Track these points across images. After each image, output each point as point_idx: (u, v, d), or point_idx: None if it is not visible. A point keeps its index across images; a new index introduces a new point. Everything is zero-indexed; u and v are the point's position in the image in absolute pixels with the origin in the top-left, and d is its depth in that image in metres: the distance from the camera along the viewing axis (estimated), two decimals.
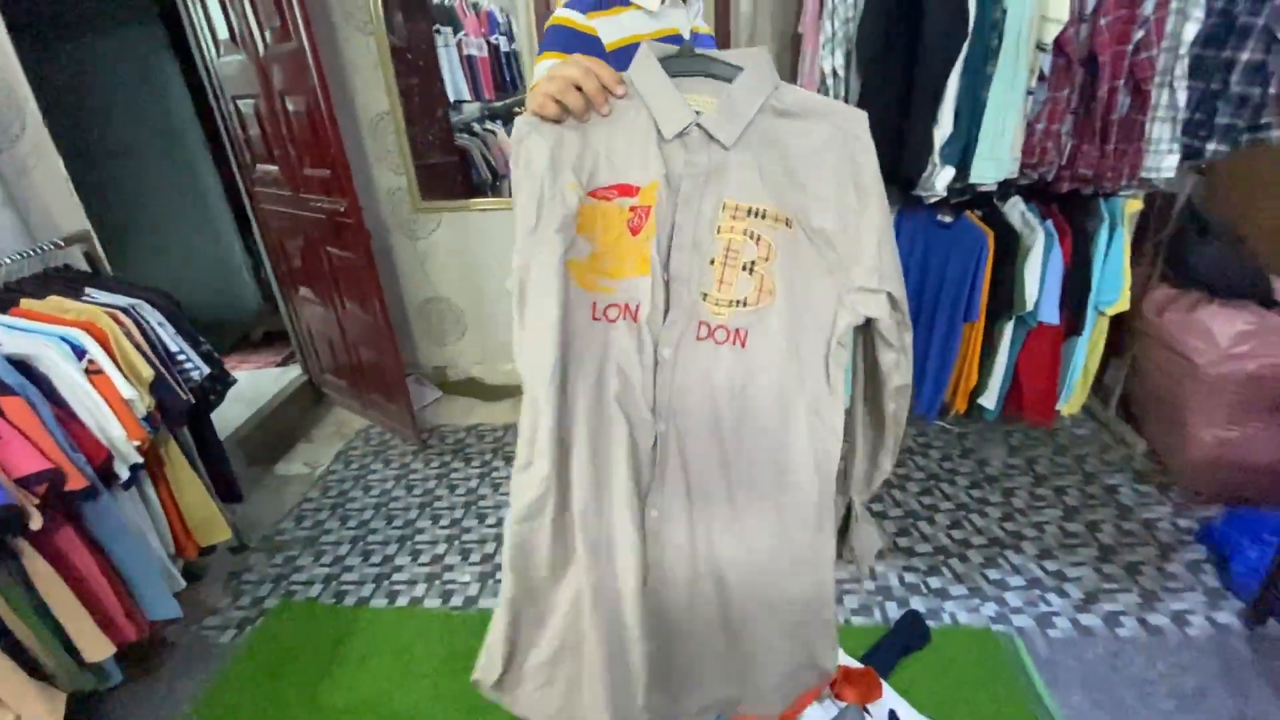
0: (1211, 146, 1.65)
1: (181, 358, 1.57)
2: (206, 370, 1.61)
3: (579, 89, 0.76)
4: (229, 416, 2.87)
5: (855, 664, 1.58)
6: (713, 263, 0.78)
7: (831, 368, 0.80)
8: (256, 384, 3.17)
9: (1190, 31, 1.54)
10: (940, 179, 1.72)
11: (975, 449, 2.37)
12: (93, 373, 1.35)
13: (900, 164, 1.73)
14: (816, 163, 0.78)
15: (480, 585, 1.94)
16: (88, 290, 1.50)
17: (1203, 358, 1.83)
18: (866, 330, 0.84)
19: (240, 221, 3.77)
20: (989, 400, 2.11)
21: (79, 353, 1.34)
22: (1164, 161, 1.67)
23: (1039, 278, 1.85)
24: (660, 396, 0.79)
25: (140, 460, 1.42)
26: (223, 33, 2.34)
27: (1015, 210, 1.93)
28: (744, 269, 0.78)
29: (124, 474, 1.39)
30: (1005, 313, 1.96)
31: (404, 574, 2.01)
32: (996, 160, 1.65)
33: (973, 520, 2.05)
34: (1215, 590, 1.75)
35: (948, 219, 2.00)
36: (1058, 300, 1.88)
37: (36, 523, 1.17)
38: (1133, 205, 1.91)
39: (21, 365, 1.26)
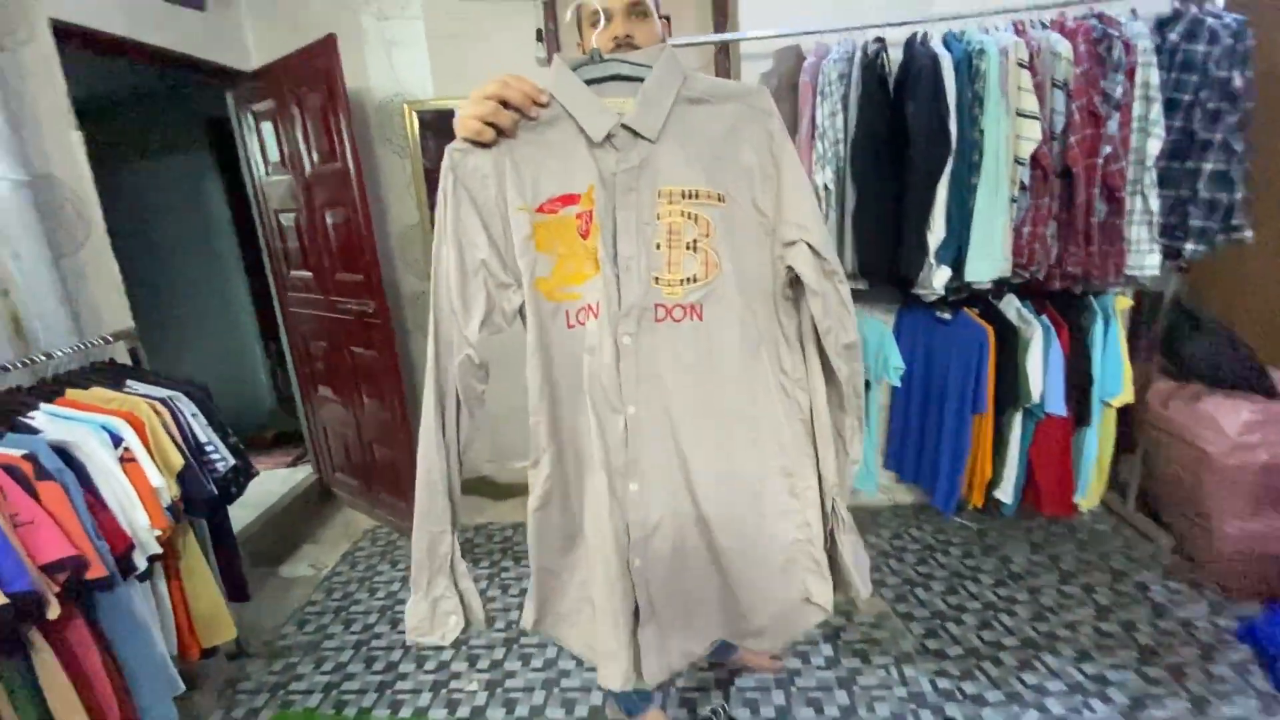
0: (1190, 246, 1.77)
1: (210, 449, 1.60)
2: (232, 462, 1.64)
3: (505, 105, 0.82)
4: (239, 517, 2.84)
5: None
6: (659, 246, 0.86)
7: (783, 319, 0.91)
8: (264, 486, 3.15)
9: (1154, 147, 1.71)
10: (938, 278, 1.83)
11: (997, 545, 2.31)
12: (126, 460, 1.38)
13: (898, 264, 1.85)
14: (734, 138, 0.86)
15: (488, 695, 1.84)
16: (128, 382, 1.56)
17: (1214, 446, 1.84)
18: (802, 295, 0.90)
19: (262, 326, 3.94)
20: (1005, 493, 2.10)
21: (116, 440, 1.38)
22: (1146, 260, 1.78)
23: (1042, 370, 1.91)
24: (626, 381, 0.87)
25: (159, 550, 1.41)
26: (274, 156, 2.59)
27: (1011, 307, 2.03)
28: (688, 248, 0.86)
29: (141, 564, 1.38)
30: (1012, 405, 2.01)
31: (408, 682, 1.91)
32: (990, 260, 1.77)
33: (1002, 620, 1.96)
34: (1269, 695, 1.65)
35: (947, 316, 2.10)
36: (1062, 392, 1.93)
37: (54, 612, 1.16)
38: (1123, 302, 2.01)
39: (62, 451, 1.29)
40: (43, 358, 1.48)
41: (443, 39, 2.55)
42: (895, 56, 1.85)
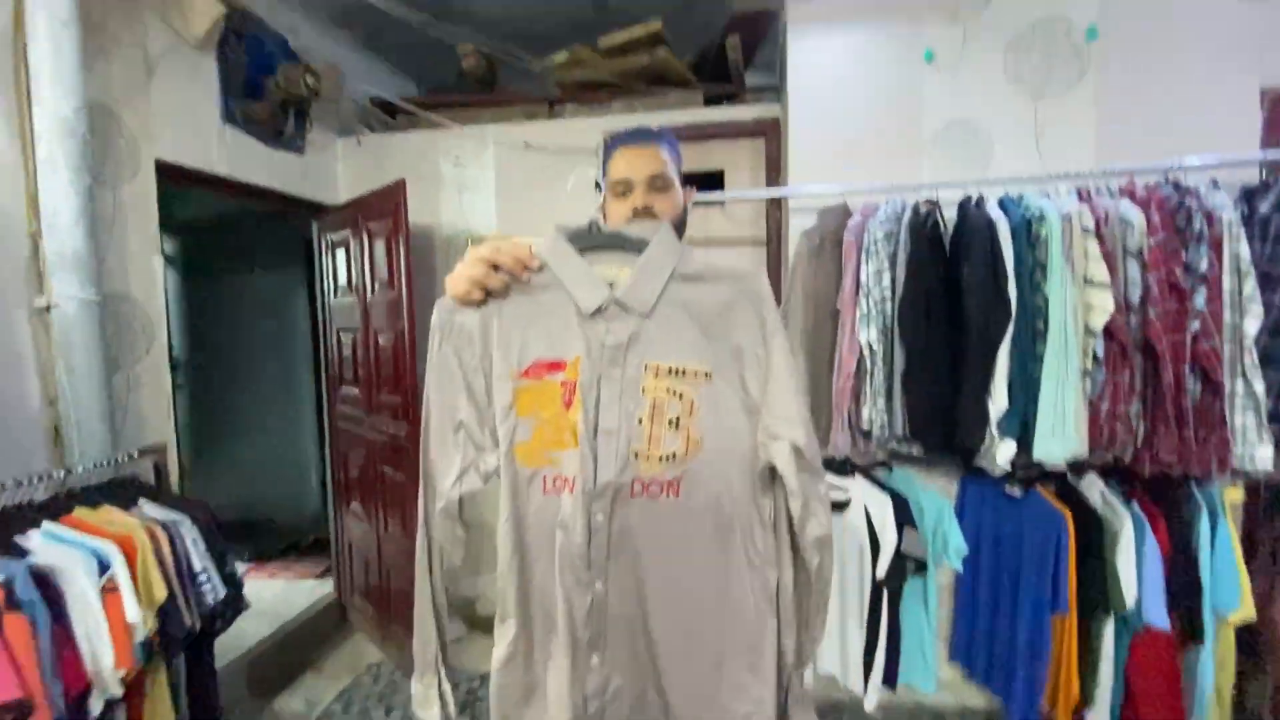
0: None
1: (203, 578, 1.55)
2: (222, 593, 1.57)
3: (496, 268, 0.85)
4: (250, 631, 2.75)
5: None
6: (641, 421, 0.84)
7: (760, 500, 0.89)
8: (288, 597, 3.09)
9: (1252, 326, 1.52)
10: (1001, 453, 1.63)
11: None
12: (108, 590, 1.33)
13: (955, 434, 1.67)
14: (726, 318, 0.87)
15: None
16: (140, 501, 1.56)
17: None
18: (779, 481, 0.88)
19: (321, 434, 4.05)
20: (1099, 717, 1.72)
21: (103, 567, 1.34)
22: (1257, 453, 1.53)
23: (1135, 571, 1.62)
24: (597, 557, 0.85)
25: (118, 694, 1.32)
26: (343, 280, 2.76)
27: (1093, 489, 1.78)
28: (670, 424, 0.84)
29: (96, 709, 1.28)
30: (1101, 609, 1.69)
31: None
32: (1062, 440, 1.57)
33: None
34: None
35: (1018, 493, 1.85)
36: (1163, 600, 1.62)
37: None
38: (1233, 494, 1.72)
39: (43, 577, 1.26)
40: (62, 473, 1.50)
41: (509, 186, 2.72)
42: (950, 216, 1.79)
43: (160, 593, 1.41)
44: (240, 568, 3.56)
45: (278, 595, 3.18)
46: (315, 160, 2.69)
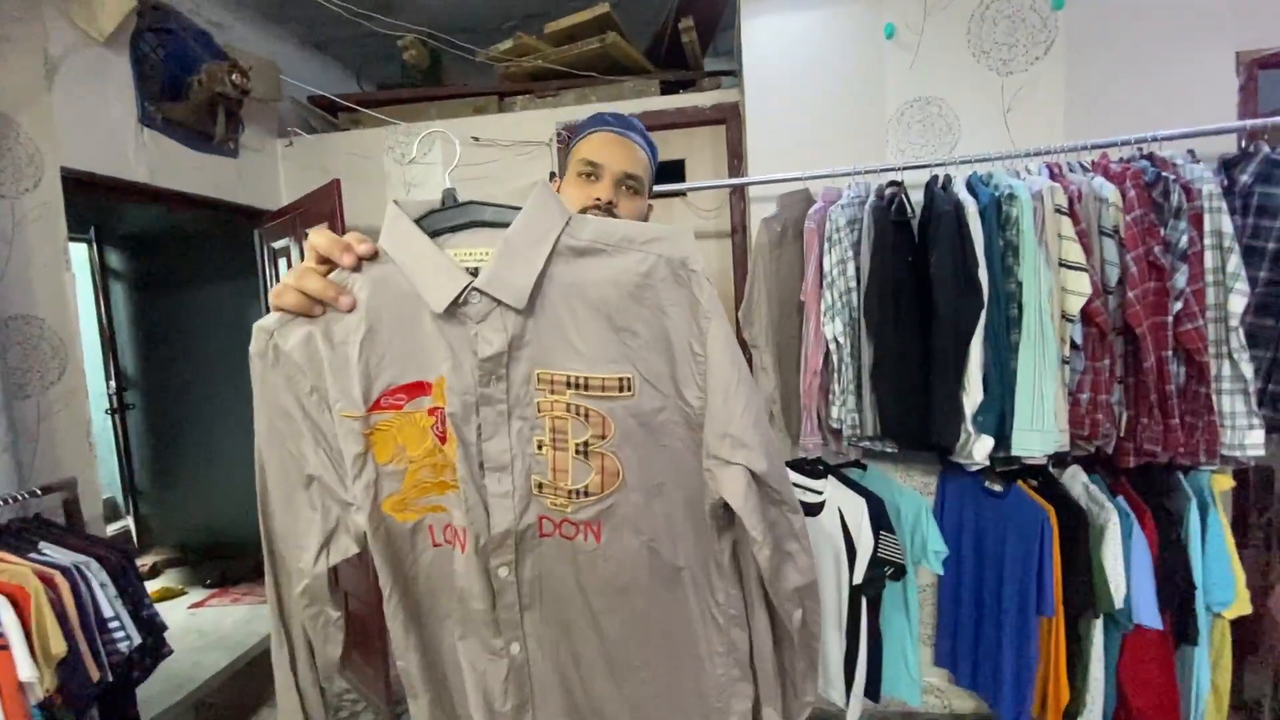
0: None
1: (113, 625, 1.40)
2: (136, 641, 1.43)
3: (322, 263, 0.62)
4: (207, 663, 2.62)
5: None
6: (540, 447, 0.65)
7: (717, 541, 0.70)
8: (249, 624, 2.97)
9: (1237, 303, 1.42)
10: (979, 449, 1.53)
11: None
12: None
13: (930, 430, 1.57)
14: (643, 300, 0.63)
15: None
16: (41, 545, 1.41)
17: None
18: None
19: None
20: None
21: None
22: (1247, 438, 1.44)
23: (1123, 568, 1.52)
24: (506, 618, 0.68)
25: None
26: None
27: (1076, 482, 1.69)
28: (577, 453, 0.64)
29: None
30: (1089, 609, 1.60)
31: None
32: (1041, 432, 1.47)
33: None
34: None
35: (998, 488, 1.76)
36: (1154, 597, 1.53)
37: None
38: (1222, 481, 1.63)
39: None
40: None
41: (459, 182, 2.57)
42: (917, 199, 1.68)
43: (59, 647, 1.27)
44: (202, 593, 3.43)
45: (238, 622, 3.04)
46: (252, 164, 2.53)
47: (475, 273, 0.61)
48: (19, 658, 1.21)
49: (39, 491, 1.53)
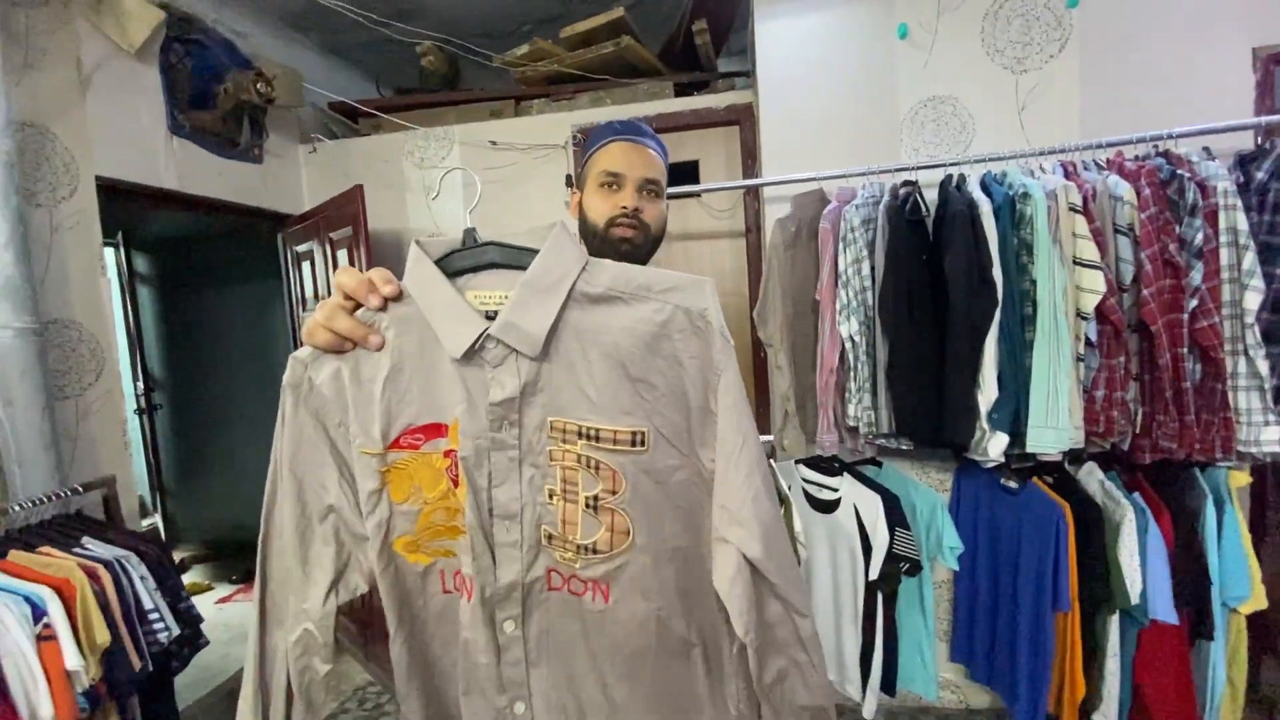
0: None
1: (153, 616, 1.46)
2: (175, 632, 1.48)
3: (349, 301, 0.63)
4: (235, 656, 2.69)
5: None
6: (551, 497, 0.63)
7: (731, 626, 0.63)
8: None
9: (1252, 300, 1.43)
10: (993, 445, 1.55)
11: None
12: (44, 638, 1.25)
13: (944, 428, 1.59)
14: (659, 352, 0.61)
15: None
16: (84, 540, 1.47)
17: None
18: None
19: None
20: (1107, 718, 1.64)
21: (39, 614, 1.26)
22: (1263, 434, 1.45)
23: (1139, 564, 1.53)
24: (511, 675, 0.65)
25: None
26: (309, 291, 2.67)
27: (1092, 479, 1.69)
28: (587, 506, 0.62)
29: None
30: (1105, 605, 1.61)
31: None
32: (1055, 429, 1.48)
33: None
34: None
35: (1013, 484, 1.77)
36: (1170, 593, 1.53)
37: None
38: (1239, 478, 1.63)
39: None
40: None
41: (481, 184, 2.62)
42: (931, 198, 1.70)
43: (103, 637, 1.33)
44: (229, 588, 3.52)
45: None
46: (275, 169, 2.59)
47: (493, 316, 0.62)
48: (66, 647, 1.26)
49: (80, 489, 1.59)
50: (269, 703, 0.67)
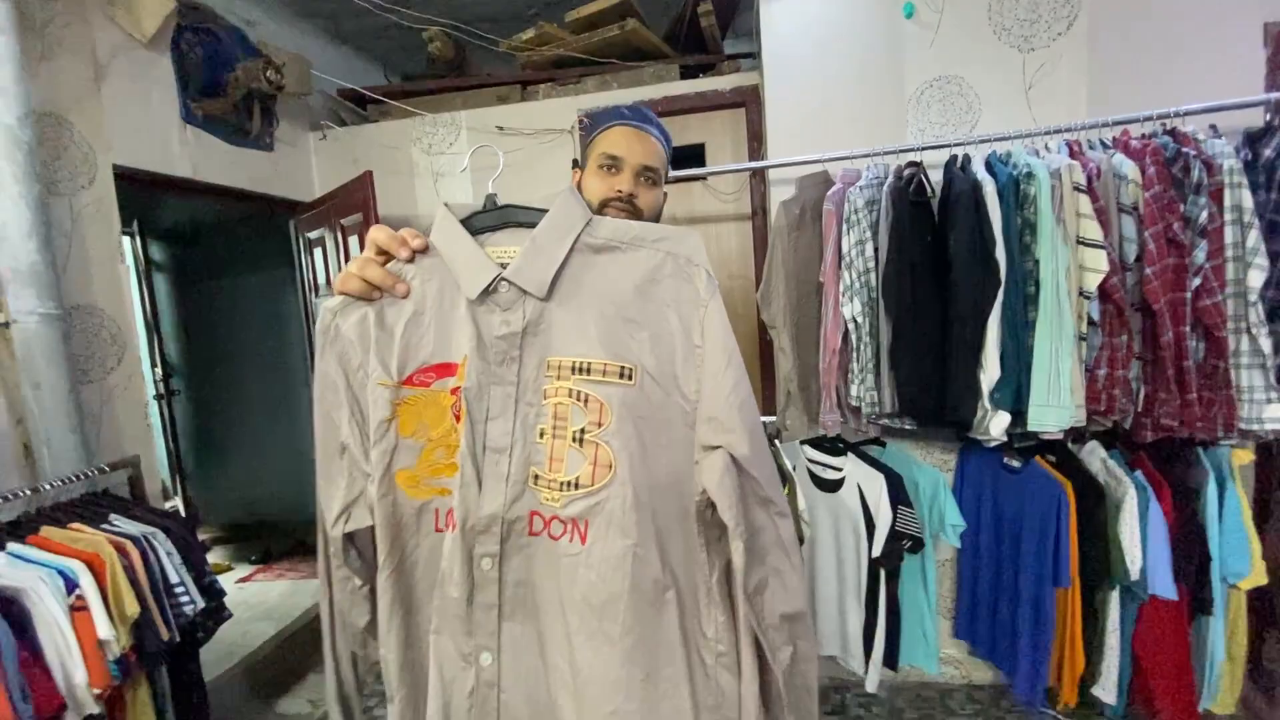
0: None
1: (179, 590, 1.52)
2: (201, 605, 1.54)
3: (380, 255, 0.70)
4: (254, 632, 2.77)
5: None
6: (542, 435, 0.67)
7: (711, 556, 0.68)
8: (293, 597, 3.11)
9: (1256, 278, 1.43)
10: (995, 424, 1.57)
11: None
12: (77, 609, 1.31)
13: (947, 407, 1.61)
14: (651, 296, 0.68)
15: None
16: (112, 517, 1.53)
17: None
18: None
19: None
20: (1106, 692, 1.68)
21: (71, 586, 1.32)
22: (1265, 412, 1.46)
23: (1140, 541, 1.55)
24: (482, 619, 0.67)
25: (96, 711, 1.30)
26: (321, 278, 2.71)
27: (1094, 457, 1.71)
28: (573, 440, 0.65)
29: None
30: (1105, 581, 1.63)
31: None
32: (1057, 408, 1.49)
33: None
34: None
35: (1016, 463, 1.79)
36: (1170, 569, 1.55)
37: None
38: (1241, 456, 1.64)
39: (7, 600, 1.23)
40: (28, 492, 1.48)
41: (484, 170, 2.64)
42: (936, 179, 1.70)
43: (133, 608, 1.38)
44: (248, 568, 3.61)
45: (283, 595, 3.20)
46: (286, 156, 2.63)
47: (503, 266, 0.69)
48: (98, 618, 1.32)
49: (106, 469, 1.65)
50: (333, 618, 0.77)
